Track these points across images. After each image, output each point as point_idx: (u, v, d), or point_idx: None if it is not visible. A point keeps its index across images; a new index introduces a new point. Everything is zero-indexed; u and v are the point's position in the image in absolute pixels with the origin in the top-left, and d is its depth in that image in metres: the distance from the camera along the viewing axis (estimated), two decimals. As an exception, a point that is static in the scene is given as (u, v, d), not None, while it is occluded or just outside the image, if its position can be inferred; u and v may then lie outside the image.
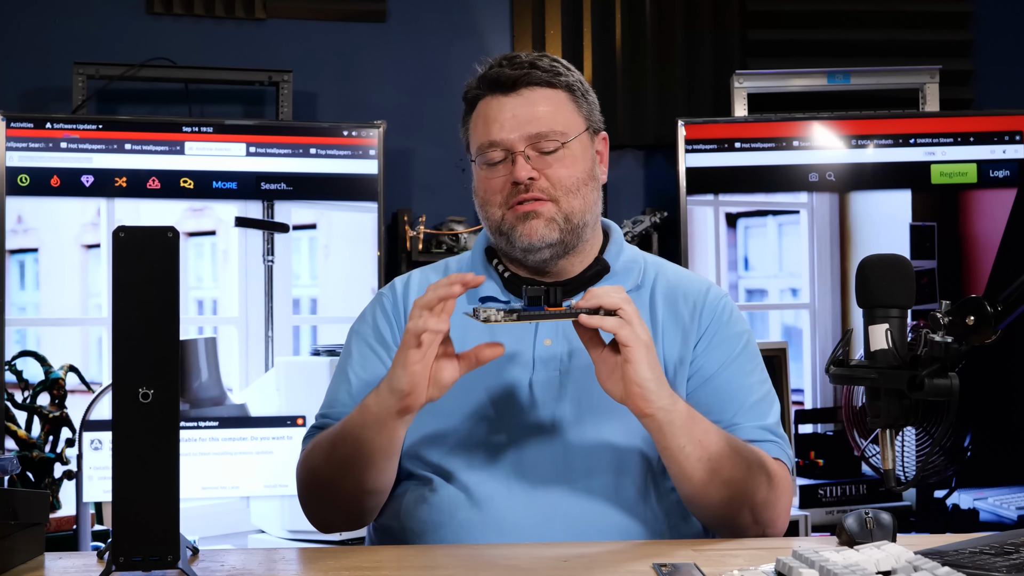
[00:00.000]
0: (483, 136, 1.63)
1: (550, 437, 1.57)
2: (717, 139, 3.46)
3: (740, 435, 1.55)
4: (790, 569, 1.15)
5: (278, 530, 3.14)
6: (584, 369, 1.59)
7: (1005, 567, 1.16)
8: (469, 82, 1.67)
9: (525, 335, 1.63)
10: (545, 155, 1.60)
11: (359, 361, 1.68)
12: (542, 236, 1.60)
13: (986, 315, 1.23)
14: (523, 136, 1.60)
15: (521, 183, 1.59)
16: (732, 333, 1.64)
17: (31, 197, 3.23)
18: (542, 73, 1.62)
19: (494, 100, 1.62)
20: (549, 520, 1.50)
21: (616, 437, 1.56)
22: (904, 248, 3.41)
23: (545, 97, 1.62)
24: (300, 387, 3.23)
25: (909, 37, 3.90)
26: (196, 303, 3.35)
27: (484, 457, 1.57)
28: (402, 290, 1.72)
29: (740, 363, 1.63)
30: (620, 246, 1.71)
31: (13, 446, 3.13)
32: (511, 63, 1.63)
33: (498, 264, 1.68)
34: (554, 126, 1.61)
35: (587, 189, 1.63)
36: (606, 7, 3.85)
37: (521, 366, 1.61)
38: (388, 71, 3.80)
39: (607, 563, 1.32)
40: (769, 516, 1.54)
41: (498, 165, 1.62)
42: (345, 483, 1.53)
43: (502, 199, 1.62)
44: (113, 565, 1.12)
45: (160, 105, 3.67)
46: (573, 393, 1.59)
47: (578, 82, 1.67)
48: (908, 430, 3.19)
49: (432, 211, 3.64)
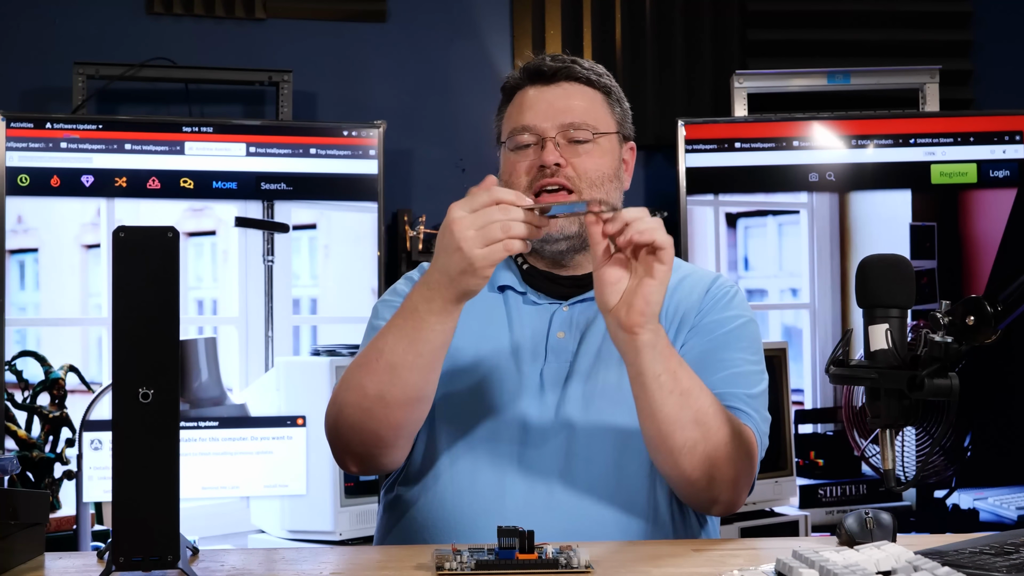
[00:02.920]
0: (516, 120, 1.66)
1: (555, 428, 1.58)
2: (717, 139, 3.46)
3: (722, 398, 1.52)
4: (790, 569, 1.15)
5: (278, 530, 3.14)
6: (592, 361, 1.61)
7: (1005, 567, 1.16)
8: (510, 74, 1.72)
9: (540, 327, 1.65)
10: (574, 145, 1.63)
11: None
12: (561, 227, 1.62)
13: (986, 315, 1.23)
14: (556, 124, 1.63)
15: (548, 167, 1.61)
16: (730, 313, 1.65)
17: (31, 197, 3.23)
18: (582, 70, 1.68)
19: (532, 89, 1.67)
20: (550, 512, 1.51)
21: (621, 430, 1.57)
22: (904, 248, 3.41)
23: (582, 92, 1.67)
24: (300, 387, 3.23)
25: (909, 37, 3.90)
26: (196, 303, 3.35)
27: (489, 448, 1.58)
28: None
29: (731, 338, 1.62)
30: None
31: (13, 446, 3.13)
32: (553, 58, 1.69)
33: (517, 256, 1.70)
34: (587, 118, 1.65)
35: (611, 187, 1.66)
36: (606, 7, 3.85)
37: (535, 357, 1.62)
38: (388, 71, 3.80)
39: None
40: (730, 475, 1.48)
41: (527, 149, 1.64)
42: (394, 391, 1.47)
43: (527, 182, 1.63)
44: (113, 565, 1.12)
45: (160, 105, 3.67)
46: (580, 384, 1.60)
47: (615, 88, 1.73)
48: (908, 430, 3.19)
49: (432, 211, 3.64)
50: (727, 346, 1.61)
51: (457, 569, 1.24)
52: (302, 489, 3.10)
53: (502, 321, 1.66)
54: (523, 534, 1.26)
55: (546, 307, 1.67)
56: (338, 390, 1.55)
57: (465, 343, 1.64)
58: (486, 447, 1.58)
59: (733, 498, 1.52)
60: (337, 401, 1.54)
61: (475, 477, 1.56)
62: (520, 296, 1.69)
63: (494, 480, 1.55)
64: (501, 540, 1.25)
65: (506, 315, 1.67)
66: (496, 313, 1.67)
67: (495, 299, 1.69)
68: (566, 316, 1.65)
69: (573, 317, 1.65)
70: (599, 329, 1.63)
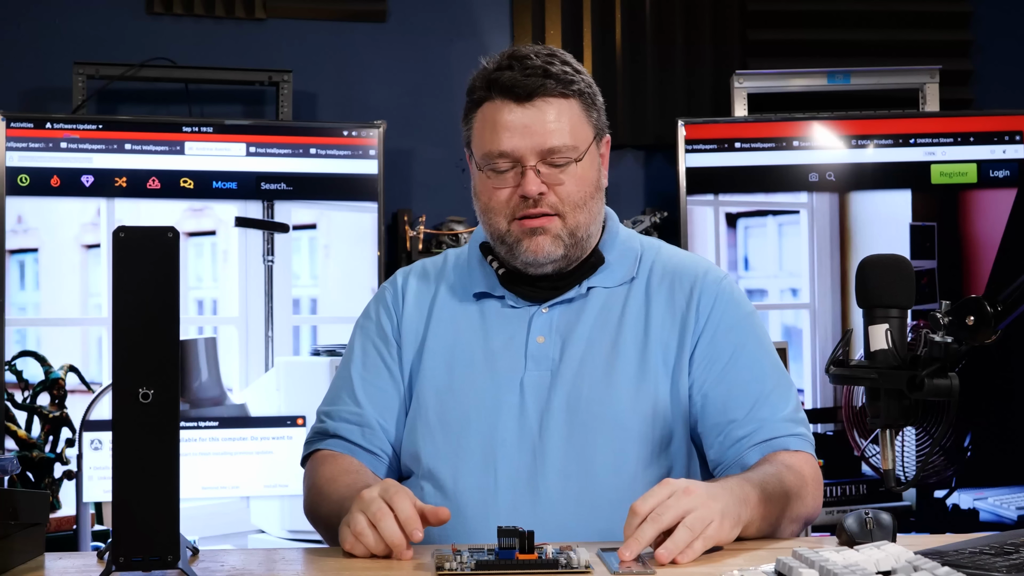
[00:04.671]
0: (491, 144, 1.58)
1: (540, 438, 1.56)
2: (717, 139, 3.46)
3: (762, 434, 1.56)
4: (790, 569, 1.15)
5: (278, 530, 3.14)
6: (575, 368, 1.59)
7: (1005, 567, 1.16)
8: (475, 79, 1.62)
9: (518, 332, 1.62)
10: (555, 169, 1.58)
11: (360, 358, 1.69)
12: (548, 253, 1.59)
13: (986, 315, 1.23)
14: (535, 150, 1.56)
15: (531, 197, 1.57)
16: (737, 317, 1.63)
17: (31, 197, 3.23)
18: (555, 83, 1.57)
19: (505, 107, 1.57)
20: (541, 522, 1.48)
21: (609, 438, 1.56)
22: (904, 248, 3.41)
23: (558, 109, 1.58)
24: (300, 387, 3.23)
25: (909, 37, 3.89)
26: (196, 303, 3.35)
27: (473, 460, 1.57)
28: (402, 283, 1.73)
29: (750, 349, 1.62)
30: (615, 235, 1.69)
31: (13, 446, 3.13)
32: (523, 68, 1.57)
33: (492, 260, 1.67)
34: (567, 140, 1.57)
35: (593, 202, 1.62)
36: (606, 7, 3.85)
37: (513, 364, 1.60)
38: (388, 71, 3.80)
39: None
40: (807, 515, 1.55)
41: (505, 174, 1.59)
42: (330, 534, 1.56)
43: (508, 211, 1.59)
44: (113, 565, 1.12)
45: (160, 105, 3.67)
46: (563, 393, 1.58)
47: (588, 87, 1.63)
48: (908, 430, 3.19)
49: (432, 211, 3.64)
50: (751, 359, 1.61)
51: (457, 569, 1.24)
52: (302, 489, 3.10)
53: (477, 329, 1.63)
54: (523, 534, 1.25)
55: (524, 311, 1.64)
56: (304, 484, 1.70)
57: (441, 356, 1.63)
58: (471, 460, 1.57)
59: (810, 521, 1.60)
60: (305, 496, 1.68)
61: (458, 492, 1.55)
62: (498, 301, 1.66)
63: (480, 494, 1.55)
64: (501, 540, 1.25)
65: (481, 322, 1.65)
66: (471, 321, 1.65)
67: (470, 308, 1.66)
68: (545, 319, 1.63)
69: (553, 321, 1.62)
70: (582, 334, 1.61)
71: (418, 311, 1.68)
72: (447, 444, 1.59)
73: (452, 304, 1.67)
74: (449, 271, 1.72)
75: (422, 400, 1.63)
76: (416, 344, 1.67)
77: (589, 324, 1.62)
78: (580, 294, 1.64)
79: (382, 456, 1.65)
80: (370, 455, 1.64)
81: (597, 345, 1.61)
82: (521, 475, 1.55)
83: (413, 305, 1.69)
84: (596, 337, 1.61)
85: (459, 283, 1.69)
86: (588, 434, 1.56)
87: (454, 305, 1.67)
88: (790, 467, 1.53)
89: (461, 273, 1.70)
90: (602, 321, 1.62)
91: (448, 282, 1.70)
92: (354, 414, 1.65)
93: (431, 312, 1.68)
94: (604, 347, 1.60)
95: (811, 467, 1.58)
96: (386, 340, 1.68)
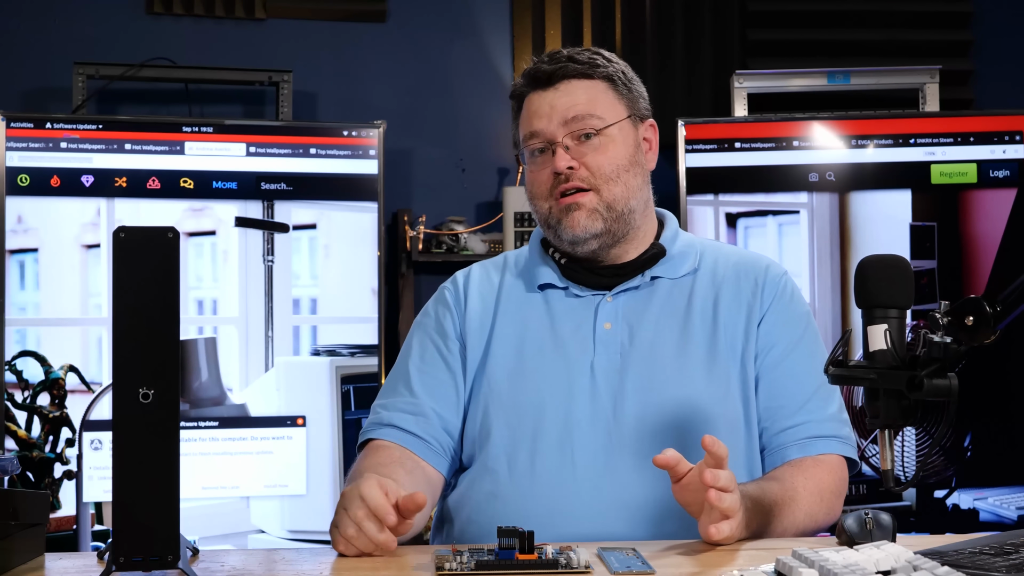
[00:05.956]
0: (524, 128, 1.68)
1: (615, 419, 1.59)
2: (717, 139, 3.46)
3: (807, 431, 1.61)
4: (790, 569, 1.15)
5: (278, 530, 3.14)
6: (645, 352, 1.62)
7: (1005, 567, 1.16)
8: (516, 81, 1.74)
9: (585, 319, 1.65)
10: (583, 144, 1.64)
11: (418, 352, 1.71)
12: (585, 227, 1.63)
13: (985, 315, 1.23)
14: (560, 123, 1.64)
15: (561, 173, 1.63)
16: (795, 313, 1.68)
17: (31, 197, 3.23)
18: (578, 66, 1.67)
19: (535, 95, 1.67)
20: (612, 506, 1.51)
21: (681, 420, 1.58)
22: (904, 248, 3.41)
23: (582, 87, 1.67)
24: (300, 387, 3.23)
25: (909, 37, 3.90)
26: (196, 303, 3.35)
27: (549, 441, 1.59)
28: (463, 283, 1.76)
29: (805, 344, 1.66)
30: (675, 232, 1.74)
31: (13, 446, 3.13)
32: (551, 59, 1.68)
33: (554, 252, 1.71)
34: (589, 110, 1.65)
35: (628, 176, 1.66)
36: (606, 7, 3.85)
37: (583, 349, 1.63)
38: (388, 71, 3.80)
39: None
40: (805, 527, 1.60)
41: (541, 157, 1.66)
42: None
43: (547, 191, 1.65)
44: (113, 565, 1.12)
45: (160, 105, 3.67)
46: (635, 375, 1.61)
47: (619, 72, 1.72)
48: (908, 430, 3.19)
49: (432, 211, 3.64)
50: (805, 354, 1.65)
51: (457, 569, 1.24)
52: (302, 489, 3.10)
53: (543, 317, 1.67)
54: (523, 534, 1.26)
55: (589, 299, 1.67)
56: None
57: (511, 343, 1.66)
58: (543, 444, 1.59)
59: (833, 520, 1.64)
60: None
61: (533, 476, 1.57)
62: (561, 291, 1.69)
63: (554, 478, 1.56)
64: (501, 540, 1.25)
65: (547, 311, 1.67)
66: (537, 311, 1.68)
67: (535, 298, 1.70)
68: (611, 307, 1.66)
69: (619, 308, 1.66)
70: (650, 320, 1.64)
71: (483, 305, 1.71)
72: (522, 426, 1.61)
73: (518, 295, 1.71)
74: (511, 266, 1.76)
75: (494, 384, 1.65)
76: (484, 336, 1.69)
77: (656, 311, 1.66)
78: (645, 283, 1.68)
79: (434, 444, 1.66)
80: (423, 443, 1.65)
81: (666, 330, 1.64)
82: (598, 456, 1.57)
83: (477, 300, 1.72)
84: (664, 323, 1.65)
85: (522, 276, 1.73)
86: (662, 415, 1.58)
87: (520, 296, 1.70)
88: (810, 477, 1.58)
89: (523, 267, 1.74)
90: (670, 308, 1.66)
91: (512, 276, 1.74)
92: (409, 403, 1.67)
93: (497, 304, 1.71)
94: (674, 332, 1.64)
95: (833, 477, 1.63)
96: (445, 336, 1.70)
